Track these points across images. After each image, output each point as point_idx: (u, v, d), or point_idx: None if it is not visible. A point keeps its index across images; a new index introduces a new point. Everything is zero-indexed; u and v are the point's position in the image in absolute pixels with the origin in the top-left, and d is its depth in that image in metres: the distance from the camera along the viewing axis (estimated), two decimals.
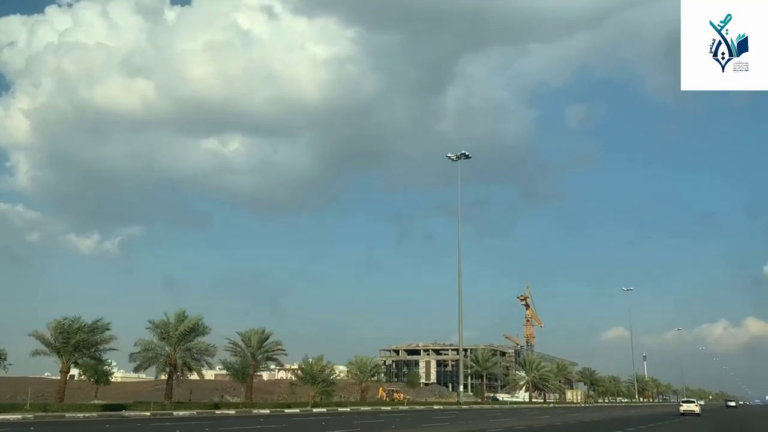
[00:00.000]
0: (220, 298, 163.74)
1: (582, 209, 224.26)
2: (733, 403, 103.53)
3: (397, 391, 79.13)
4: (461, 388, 66.33)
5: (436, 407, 53.90)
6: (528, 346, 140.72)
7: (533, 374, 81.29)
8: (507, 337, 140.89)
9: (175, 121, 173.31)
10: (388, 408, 48.46)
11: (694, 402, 57.18)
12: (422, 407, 52.77)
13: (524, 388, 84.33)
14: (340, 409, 42.99)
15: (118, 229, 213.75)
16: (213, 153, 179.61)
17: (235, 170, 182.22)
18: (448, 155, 65.45)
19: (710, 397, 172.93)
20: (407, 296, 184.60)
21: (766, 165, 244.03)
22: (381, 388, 77.70)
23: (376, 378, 54.73)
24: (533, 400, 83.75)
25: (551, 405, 79.00)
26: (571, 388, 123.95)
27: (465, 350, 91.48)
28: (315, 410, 40.84)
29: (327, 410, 41.45)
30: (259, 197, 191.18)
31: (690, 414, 49.65)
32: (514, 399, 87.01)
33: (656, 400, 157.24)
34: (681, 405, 56.74)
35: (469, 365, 79.08)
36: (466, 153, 64.93)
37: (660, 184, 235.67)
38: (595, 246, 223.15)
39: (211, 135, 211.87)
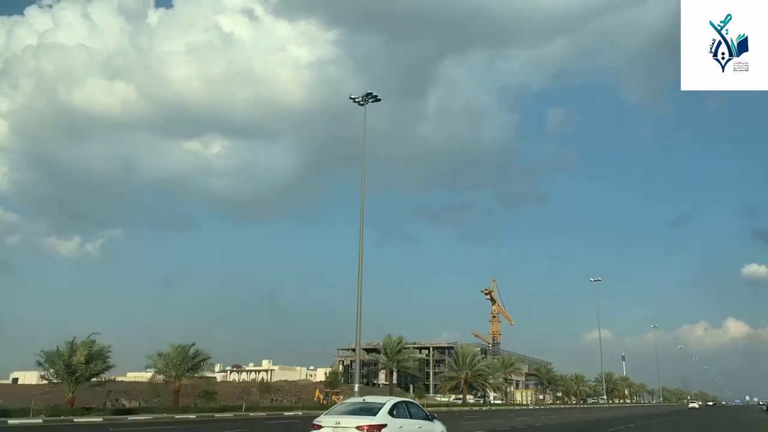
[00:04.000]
0: (204, 300, 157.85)
1: (564, 211, 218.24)
2: (711, 403, 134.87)
3: (336, 393, 67.72)
4: (356, 387, 51.83)
5: (301, 412, 39.43)
6: (495, 343, 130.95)
7: (466, 371, 66.76)
8: (476, 335, 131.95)
9: (156, 123, 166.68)
10: (191, 416, 33.35)
11: (695, 402, 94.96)
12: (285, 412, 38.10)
13: (457, 386, 69.77)
14: (77, 420, 27.89)
15: (100, 231, 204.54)
16: (195, 155, 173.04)
17: (217, 172, 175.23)
18: (352, 96, 52.87)
19: (689, 397, 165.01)
20: (390, 297, 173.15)
21: (745, 168, 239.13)
22: (317, 390, 69.20)
23: (199, 375, 39.19)
24: (468, 401, 69.56)
25: (485, 408, 64.84)
26: (542, 390, 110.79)
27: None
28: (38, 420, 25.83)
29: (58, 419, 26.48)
30: (241, 199, 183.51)
31: (693, 408, 76.79)
32: (439, 401, 73.02)
33: (629, 401, 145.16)
34: (689, 403, 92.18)
35: (382, 360, 65.17)
36: (374, 94, 52.46)
37: (641, 186, 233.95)
38: (578, 248, 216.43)
39: (192, 137, 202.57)
